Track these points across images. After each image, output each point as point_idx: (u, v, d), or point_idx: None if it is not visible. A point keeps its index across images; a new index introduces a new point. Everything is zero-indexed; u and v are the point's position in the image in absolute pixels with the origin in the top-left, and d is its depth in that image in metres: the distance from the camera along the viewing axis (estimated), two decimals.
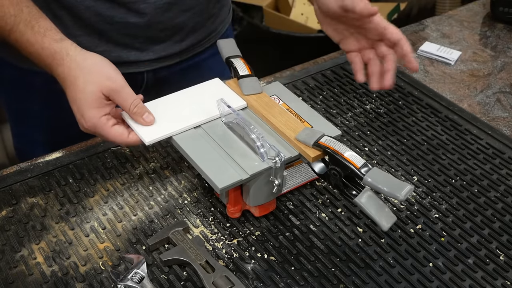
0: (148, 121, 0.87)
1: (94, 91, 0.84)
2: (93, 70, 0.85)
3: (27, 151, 1.20)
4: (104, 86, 0.84)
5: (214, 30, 1.17)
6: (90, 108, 0.84)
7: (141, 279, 0.78)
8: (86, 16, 1.00)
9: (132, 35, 1.04)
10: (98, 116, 0.85)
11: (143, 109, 0.87)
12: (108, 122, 0.85)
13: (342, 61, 1.25)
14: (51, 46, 0.86)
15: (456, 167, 0.99)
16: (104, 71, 0.85)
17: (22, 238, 0.85)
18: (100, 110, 0.85)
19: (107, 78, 0.85)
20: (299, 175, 0.93)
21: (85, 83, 0.84)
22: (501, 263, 0.84)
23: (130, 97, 0.86)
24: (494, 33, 1.38)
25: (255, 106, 0.89)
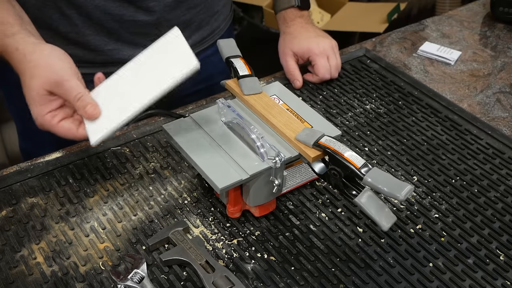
0: (89, 114, 0.81)
1: (37, 87, 0.81)
2: (38, 64, 0.81)
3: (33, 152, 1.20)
4: (46, 80, 0.80)
5: (217, 27, 1.18)
6: (35, 106, 0.82)
7: (141, 279, 0.78)
8: (95, 15, 1.00)
9: (141, 34, 1.05)
10: (42, 114, 0.81)
11: (85, 101, 0.81)
12: (54, 119, 0.82)
13: (342, 61, 1.25)
14: (3, 41, 0.84)
15: (456, 167, 0.99)
16: (50, 63, 0.81)
17: (22, 238, 0.85)
18: (44, 107, 0.81)
19: (51, 71, 0.81)
20: (299, 175, 0.93)
21: (30, 78, 0.81)
22: (501, 263, 0.84)
23: (73, 90, 0.81)
24: (494, 33, 1.38)
25: (255, 106, 0.89)
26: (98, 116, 0.82)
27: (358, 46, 1.31)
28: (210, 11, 1.13)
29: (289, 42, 1.17)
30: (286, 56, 1.18)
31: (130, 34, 1.05)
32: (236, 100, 0.93)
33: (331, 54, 1.16)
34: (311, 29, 1.19)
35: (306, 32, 1.18)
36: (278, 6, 1.20)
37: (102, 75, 0.86)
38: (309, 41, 1.16)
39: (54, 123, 0.82)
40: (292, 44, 1.17)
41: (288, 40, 1.18)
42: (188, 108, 1.10)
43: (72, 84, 0.81)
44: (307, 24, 1.19)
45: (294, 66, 1.17)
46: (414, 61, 1.27)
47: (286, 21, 1.19)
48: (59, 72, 0.81)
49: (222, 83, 0.95)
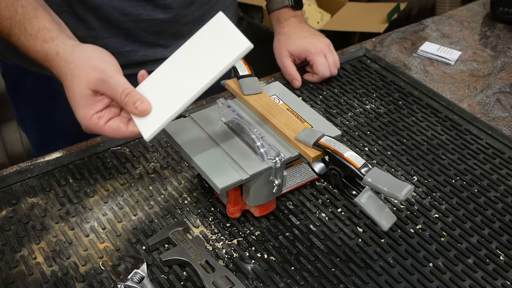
0: (140, 110, 0.77)
1: (80, 89, 0.78)
2: (79, 65, 0.79)
3: None
4: (90, 80, 0.78)
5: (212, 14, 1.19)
6: (79, 108, 0.79)
7: (141, 279, 0.78)
8: (113, 16, 1.01)
9: (158, 32, 1.06)
10: (88, 117, 0.79)
11: (134, 97, 0.77)
12: (100, 121, 0.79)
13: (342, 61, 1.25)
14: (43, 47, 0.82)
15: (456, 167, 0.99)
16: (92, 62, 0.79)
17: (22, 238, 0.85)
18: (89, 109, 0.78)
19: (94, 69, 0.78)
20: (299, 175, 0.93)
21: (72, 81, 0.79)
22: (501, 263, 0.84)
23: (119, 86, 0.77)
24: (494, 33, 1.38)
25: (255, 106, 0.89)
26: (150, 112, 0.78)
27: (358, 46, 1.31)
28: (221, 7, 1.14)
29: (284, 42, 1.18)
30: (282, 57, 1.18)
31: (147, 34, 1.05)
32: (236, 100, 0.93)
33: (327, 52, 1.17)
34: (305, 29, 1.19)
35: (301, 32, 1.18)
36: (271, 6, 1.21)
37: (145, 72, 0.83)
38: (304, 40, 1.17)
39: (101, 125, 0.79)
40: (288, 44, 1.17)
41: (283, 40, 1.18)
42: (188, 108, 1.10)
43: (118, 80, 0.78)
44: (301, 24, 1.20)
45: (292, 66, 1.17)
46: (414, 61, 1.27)
47: (280, 21, 1.20)
48: (102, 69, 0.78)
49: (222, 83, 0.95)
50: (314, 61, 1.16)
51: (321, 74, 1.16)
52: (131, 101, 0.77)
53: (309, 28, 1.20)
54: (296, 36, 1.17)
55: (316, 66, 1.16)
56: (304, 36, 1.17)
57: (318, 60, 1.15)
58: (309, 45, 1.16)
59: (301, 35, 1.17)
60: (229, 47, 0.75)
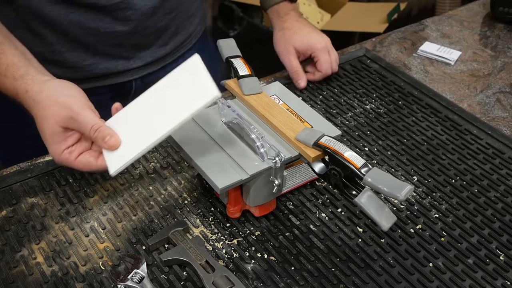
0: (109, 144, 0.79)
1: (50, 126, 0.80)
2: (47, 104, 0.80)
3: None
4: (59, 118, 0.79)
5: (193, 31, 1.17)
6: (51, 145, 0.81)
7: (141, 279, 0.78)
8: (71, 30, 0.99)
9: (119, 45, 1.04)
10: (59, 152, 0.81)
11: (103, 133, 0.79)
12: (71, 156, 0.81)
13: (342, 61, 1.25)
14: (13, 86, 0.83)
15: (456, 167, 0.99)
16: (59, 100, 0.80)
17: (22, 238, 0.85)
18: (60, 144, 0.81)
19: (61, 107, 0.79)
20: (299, 175, 0.93)
21: (42, 120, 0.81)
22: (501, 263, 0.84)
23: (88, 123, 0.79)
24: (494, 33, 1.38)
25: (255, 106, 0.89)
26: (119, 146, 0.80)
27: (358, 46, 1.31)
28: (185, 15, 1.12)
29: (290, 38, 1.14)
30: (289, 54, 1.15)
31: (107, 47, 1.03)
32: (236, 100, 0.93)
33: (331, 49, 1.16)
34: (306, 24, 1.17)
35: (305, 28, 1.16)
36: (269, 1, 1.17)
37: (120, 104, 0.84)
38: (310, 36, 1.14)
39: (72, 160, 0.81)
40: (293, 41, 1.14)
41: (288, 36, 1.15)
42: None
43: (86, 117, 0.79)
44: (301, 18, 1.18)
45: (298, 65, 1.15)
46: (414, 61, 1.27)
47: (280, 15, 1.16)
48: (70, 107, 0.79)
49: (222, 83, 0.95)
50: (319, 58, 1.14)
51: (324, 72, 1.15)
52: (100, 137, 0.79)
53: (309, 24, 1.18)
54: (302, 32, 1.15)
55: (321, 63, 1.14)
56: (308, 32, 1.15)
57: (323, 57, 1.14)
58: (314, 41, 1.14)
59: (306, 31, 1.15)
60: (197, 94, 0.76)
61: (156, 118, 0.80)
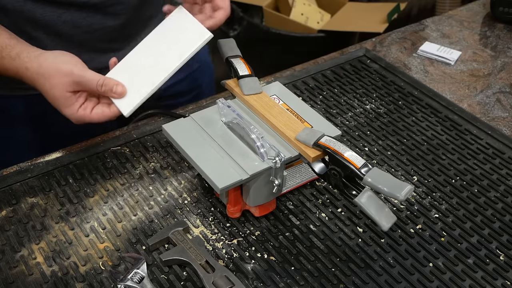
0: (119, 93, 0.89)
1: (59, 93, 0.87)
2: (50, 73, 0.87)
3: None
4: (64, 84, 0.86)
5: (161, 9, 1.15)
6: (65, 108, 0.88)
7: (141, 279, 0.78)
8: (64, 31, 1.00)
9: (110, 39, 1.06)
10: (75, 112, 0.88)
11: (109, 85, 0.88)
12: (86, 111, 0.88)
13: (342, 61, 1.25)
14: (12, 65, 0.89)
15: (456, 167, 0.99)
16: (60, 68, 0.87)
17: (22, 238, 0.85)
18: (73, 106, 0.88)
19: (64, 74, 0.86)
20: (299, 175, 0.93)
21: (50, 89, 0.87)
22: (501, 263, 0.84)
23: (92, 81, 0.87)
24: (494, 33, 1.38)
25: (255, 106, 0.89)
26: (126, 93, 0.89)
27: (358, 46, 1.31)
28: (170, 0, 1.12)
29: None
30: None
31: (100, 42, 1.05)
32: (236, 100, 0.93)
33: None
34: None
35: None
36: None
37: (116, 59, 0.92)
38: None
39: (88, 114, 0.88)
40: None
41: None
42: (188, 108, 1.10)
43: (89, 76, 0.87)
44: None
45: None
46: (414, 61, 1.27)
47: None
48: (71, 72, 0.87)
49: (222, 83, 0.95)
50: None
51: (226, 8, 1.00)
52: (108, 89, 0.88)
53: None
54: None
55: None
56: None
57: None
58: None
59: None
60: (192, 37, 0.89)
61: (156, 62, 0.90)
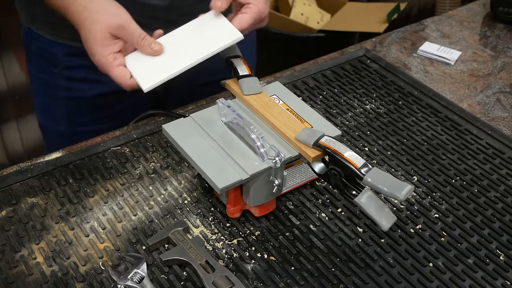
0: (155, 50, 0.90)
1: (100, 30, 0.87)
2: (99, 10, 0.89)
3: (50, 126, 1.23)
4: (110, 24, 0.87)
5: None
6: (97, 46, 0.88)
7: (141, 279, 0.78)
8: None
9: (152, 17, 1.06)
10: (105, 54, 0.89)
11: (149, 40, 0.90)
12: (114, 62, 0.89)
13: (342, 61, 1.25)
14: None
15: (456, 167, 0.99)
16: (110, 9, 0.89)
17: (22, 238, 0.85)
18: (107, 48, 0.88)
19: (113, 15, 0.88)
20: (299, 175, 0.93)
21: (92, 23, 0.88)
22: (501, 263, 0.84)
23: (136, 31, 0.89)
24: (494, 33, 1.38)
25: (255, 106, 0.89)
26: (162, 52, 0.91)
27: (358, 46, 1.31)
28: None
29: None
30: None
31: (142, 17, 1.05)
32: (236, 100, 0.93)
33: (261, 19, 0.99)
34: None
35: None
36: None
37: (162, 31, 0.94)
38: None
39: (114, 65, 0.89)
40: None
41: None
42: (188, 108, 1.10)
43: (134, 26, 0.90)
44: None
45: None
46: (414, 61, 1.27)
47: None
48: (120, 16, 0.89)
49: (222, 83, 0.95)
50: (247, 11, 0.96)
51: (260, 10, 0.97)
52: (147, 43, 0.90)
53: None
54: None
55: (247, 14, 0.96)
56: None
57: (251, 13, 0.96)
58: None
59: None
60: (224, 34, 0.92)
61: (186, 49, 0.92)
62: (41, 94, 1.24)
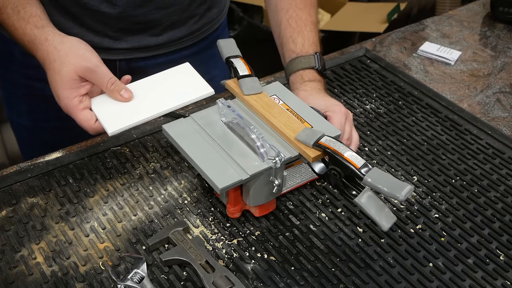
0: (126, 97, 0.89)
1: (68, 72, 0.86)
2: (69, 52, 0.87)
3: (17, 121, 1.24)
4: (79, 67, 0.86)
5: (198, 30, 1.16)
6: (64, 89, 0.87)
7: (141, 279, 0.78)
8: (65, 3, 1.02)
9: (105, 23, 1.06)
10: (71, 97, 0.87)
11: (120, 86, 0.89)
12: (80, 105, 0.87)
13: (342, 61, 1.25)
14: (32, 32, 0.89)
15: (456, 167, 0.99)
16: (80, 52, 0.88)
17: (22, 238, 0.85)
18: (74, 91, 0.87)
19: (82, 58, 0.87)
20: (299, 175, 0.93)
21: (61, 65, 0.87)
22: (501, 263, 0.84)
23: (106, 75, 0.88)
24: (494, 33, 1.38)
25: (255, 106, 0.89)
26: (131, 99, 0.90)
27: (358, 46, 1.31)
28: (186, 14, 1.11)
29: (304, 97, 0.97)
30: None
31: (94, 22, 1.05)
32: (236, 100, 0.93)
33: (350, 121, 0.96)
34: (328, 95, 1.01)
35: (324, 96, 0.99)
36: (294, 66, 1.02)
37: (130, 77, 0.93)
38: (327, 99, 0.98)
39: (79, 109, 0.87)
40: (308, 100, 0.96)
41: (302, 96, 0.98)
42: (188, 108, 1.10)
43: (104, 70, 0.88)
44: (325, 91, 1.02)
45: None
46: (414, 61, 1.27)
47: (303, 79, 1.02)
48: (90, 59, 0.87)
49: (222, 83, 0.95)
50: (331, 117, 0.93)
51: None
52: (117, 89, 0.89)
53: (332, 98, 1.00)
54: (319, 96, 0.98)
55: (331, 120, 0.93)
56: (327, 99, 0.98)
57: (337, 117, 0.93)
58: (332, 103, 0.96)
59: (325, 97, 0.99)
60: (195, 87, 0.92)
61: (154, 98, 0.91)
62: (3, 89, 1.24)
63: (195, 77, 0.94)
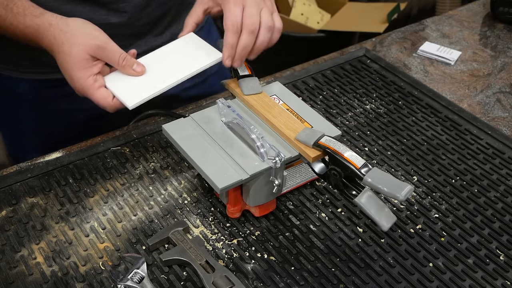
0: (139, 71, 0.89)
1: (79, 52, 0.85)
2: (76, 33, 0.86)
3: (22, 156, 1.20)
4: (89, 45, 0.85)
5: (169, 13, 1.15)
6: (77, 70, 0.86)
7: (141, 279, 0.78)
8: None
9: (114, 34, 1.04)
10: (85, 77, 0.86)
11: (131, 61, 0.88)
12: (95, 84, 0.87)
13: (342, 61, 1.25)
14: (33, 22, 0.88)
15: (456, 167, 0.99)
16: (87, 32, 0.87)
17: (22, 238, 0.85)
18: (87, 70, 0.86)
19: (91, 37, 0.86)
20: (299, 175, 0.93)
21: (70, 47, 0.86)
22: (501, 263, 0.84)
23: (116, 52, 0.88)
24: (494, 33, 1.38)
25: (255, 106, 0.89)
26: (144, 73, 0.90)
27: (358, 46, 1.31)
28: (182, 5, 1.12)
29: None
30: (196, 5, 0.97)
31: None
32: (236, 100, 0.93)
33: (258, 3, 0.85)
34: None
35: None
36: None
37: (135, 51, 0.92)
38: None
39: (95, 87, 0.86)
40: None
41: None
42: (188, 108, 1.10)
43: (114, 46, 0.87)
44: None
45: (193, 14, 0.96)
46: (414, 61, 1.27)
47: None
48: (98, 37, 0.87)
49: (222, 83, 0.95)
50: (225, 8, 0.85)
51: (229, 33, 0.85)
52: (129, 64, 0.88)
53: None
54: None
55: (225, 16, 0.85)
56: None
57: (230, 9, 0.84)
58: None
59: None
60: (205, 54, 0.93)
61: (167, 69, 0.91)
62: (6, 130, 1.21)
63: (202, 44, 0.94)
